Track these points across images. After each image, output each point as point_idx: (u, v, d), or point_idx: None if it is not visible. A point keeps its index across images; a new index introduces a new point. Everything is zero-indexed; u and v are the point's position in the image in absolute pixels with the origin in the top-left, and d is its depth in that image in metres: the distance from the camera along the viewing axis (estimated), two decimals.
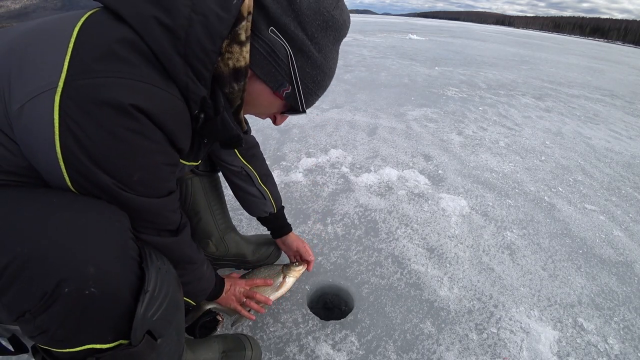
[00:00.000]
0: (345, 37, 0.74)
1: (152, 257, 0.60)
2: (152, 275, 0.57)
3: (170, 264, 0.67)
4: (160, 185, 0.64)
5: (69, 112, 0.49)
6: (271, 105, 0.75)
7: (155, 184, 0.62)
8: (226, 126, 0.68)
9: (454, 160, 2.65)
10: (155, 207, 0.64)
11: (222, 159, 1.16)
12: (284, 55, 0.66)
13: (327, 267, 1.48)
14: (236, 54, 0.62)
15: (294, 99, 0.72)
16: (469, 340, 1.22)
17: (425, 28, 24.49)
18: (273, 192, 1.24)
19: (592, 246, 1.83)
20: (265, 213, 1.25)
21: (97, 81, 0.50)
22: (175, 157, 0.64)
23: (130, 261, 0.56)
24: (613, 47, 36.26)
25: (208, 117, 0.65)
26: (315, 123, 3.19)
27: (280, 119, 0.83)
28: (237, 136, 0.70)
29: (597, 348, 1.25)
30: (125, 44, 0.53)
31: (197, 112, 0.63)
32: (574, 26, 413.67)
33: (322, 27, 0.66)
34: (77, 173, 0.53)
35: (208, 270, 0.93)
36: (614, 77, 8.70)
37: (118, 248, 0.54)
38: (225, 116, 0.66)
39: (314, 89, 0.73)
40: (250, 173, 1.18)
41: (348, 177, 2.25)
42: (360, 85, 4.83)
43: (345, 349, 1.14)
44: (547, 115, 4.24)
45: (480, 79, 6.11)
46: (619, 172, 2.81)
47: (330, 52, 0.71)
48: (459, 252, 1.65)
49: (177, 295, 0.65)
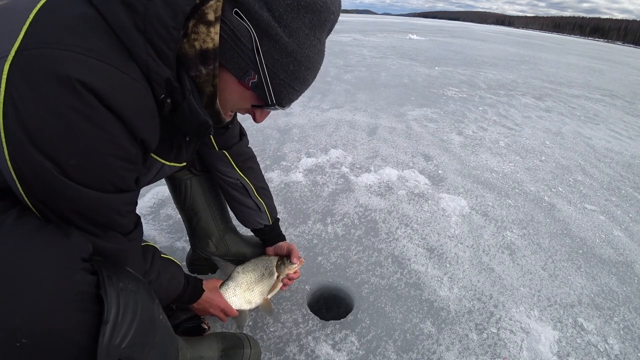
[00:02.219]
0: (334, 23, 0.67)
1: (112, 280, 0.54)
2: (112, 302, 0.52)
3: (137, 278, 0.62)
4: (104, 177, 0.56)
5: (15, 81, 0.46)
6: (241, 97, 0.70)
7: (97, 174, 0.55)
8: (193, 111, 0.62)
9: (454, 160, 2.65)
10: (94, 200, 0.56)
11: (218, 169, 1.14)
12: (248, 39, 0.61)
13: (327, 267, 1.48)
14: (202, 35, 0.58)
15: (262, 89, 0.66)
16: (469, 340, 1.22)
17: (425, 28, 24.50)
18: (269, 205, 1.22)
19: (592, 246, 1.83)
20: (260, 225, 1.23)
21: (48, 52, 0.47)
22: (131, 151, 0.57)
23: (76, 297, 0.50)
24: (613, 47, 36.27)
25: (176, 103, 0.61)
26: (315, 123, 3.19)
27: (260, 115, 0.77)
28: (204, 123, 0.65)
29: (597, 348, 1.25)
30: (85, 20, 0.51)
31: (164, 96, 0.59)
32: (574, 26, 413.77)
33: (292, 7, 0.59)
34: (15, 151, 0.48)
35: (162, 284, 0.85)
36: (614, 77, 8.70)
37: (56, 288, 0.48)
38: (191, 100, 0.61)
39: (286, 80, 0.66)
40: (246, 185, 1.16)
41: (348, 177, 2.25)
42: (360, 85, 4.83)
43: (345, 349, 1.14)
44: (547, 115, 4.24)
45: (480, 79, 6.11)
46: (619, 172, 2.81)
47: (307, 38, 0.63)
48: (459, 252, 1.65)
49: (150, 312, 0.60)
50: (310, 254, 1.54)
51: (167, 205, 1.83)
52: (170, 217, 1.75)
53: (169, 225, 1.69)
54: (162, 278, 0.84)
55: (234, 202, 1.20)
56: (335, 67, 6.01)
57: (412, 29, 20.81)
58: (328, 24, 0.66)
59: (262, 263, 1.18)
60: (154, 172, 0.79)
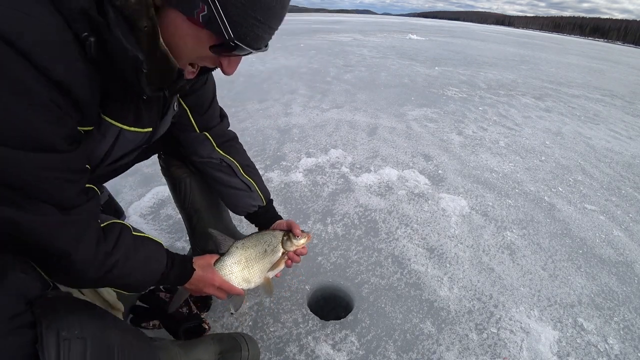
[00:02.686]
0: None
1: (52, 331, 0.50)
2: (51, 356, 0.48)
3: (91, 317, 0.57)
4: (12, 129, 0.47)
5: None
6: (196, 40, 0.59)
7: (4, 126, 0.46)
8: (119, 47, 0.53)
9: (454, 160, 2.65)
10: (5, 159, 0.48)
11: (200, 154, 1.06)
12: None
13: (327, 267, 1.48)
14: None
15: (216, 23, 0.56)
16: (469, 340, 1.22)
17: (425, 28, 24.49)
18: (259, 183, 1.12)
19: (592, 246, 1.83)
20: (254, 207, 1.12)
21: None
22: (43, 95, 0.48)
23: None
24: (613, 47, 36.28)
25: (104, 43, 0.53)
26: (315, 123, 3.19)
27: (228, 64, 0.66)
28: (134, 59, 0.55)
29: (597, 348, 1.25)
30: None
31: (86, 34, 0.51)
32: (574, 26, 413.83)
33: None
34: None
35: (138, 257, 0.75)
36: (614, 77, 8.70)
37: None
38: (117, 34, 0.52)
39: (244, 6, 0.56)
40: (231, 164, 1.08)
41: (348, 177, 2.25)
42: (360, 85, 4.83)
43: (345, 349, 1.14)
44: (547, 115, 4.24)
45: (480, 79, 6.11)
46: (619, 172, 2.81)
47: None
48: (459, 252, 1.65)
49: (104, 351, 0.56)
50: (310, 254, 1.54)
51: (167, 205, 1.83)
52: (170, 217, 1.75)
53: (169, 225, 1.69)
54: (133, 259, 0.73)
55: (221, 186, 1.11)
56: (335, 67, 6.01)
57: (412, 29, 20.81)
58: None
59: (264, 238, 1.05)
60: (110, 138, 0.70)
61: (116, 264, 0.69)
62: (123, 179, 2.02)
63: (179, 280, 0.89)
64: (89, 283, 0.71)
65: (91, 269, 0.64)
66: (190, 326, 1.06)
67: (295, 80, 4.82)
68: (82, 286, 0.69)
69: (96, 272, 0.65)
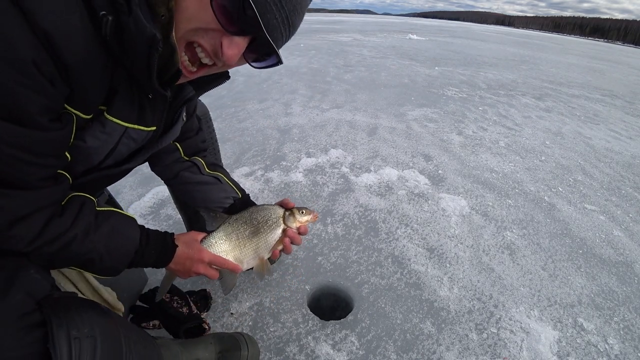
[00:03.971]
0: None
1: (62, 329, 0.50)
2: (62, 354, 0.49)
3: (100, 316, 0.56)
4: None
5: None
6: (200, 5, 0.55)
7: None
8: (139, 25, 0.51)
9: (454, 160, 2.65)
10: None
11: (165, 162, 1.00)
12: None
13: (327, 267, 1.48)
14: None
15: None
16: (469, 340, 1.22)
17: (425, 28, 24.49)
18: (227, 176, 1.04)
19: (592, 246, 1.83)
20: (229, 200, 1.00)
21: None
22: (27, 55, 0.44)
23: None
24: (613, 47, 36.27)
25: (120, 25, 0.51)
26: (315, 123, 3.19)
27: (229, 44, 0.59)
28: (152, 37, 0.52)
29: (597, 348, 1.25)
30: None
31: (104, 13, 0.49)
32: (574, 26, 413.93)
33: None
34: None
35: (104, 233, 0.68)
36: (614, 77, 8.70)
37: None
38: (138, 13, 0.51)
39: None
40: (196, 162, 1.02)
41: (348, 177, 2.25)
42: (360, 85, 4.83)
43: (345, 349, 1.14)
44: (547, 115, 4.24)
45: (480, 79, 6.11)
46: (619, 172, 2.81)
47: None
48: (459, 252, 1.65)
49: (113, 349, 0.56)
50: (310, 254, 1.54)
51: (167, 205, 1.83)
52: (170, 217, 1.75)
53: (169, 225, 1.69)
54: (95, 234, 0.66)
55: (187, 185, 1.00)
56: (335, 67, 6.01)
57: (412, 29, 20.81)
58: None
59: (261, 213, 0.90)
60: (115, 137, 0.67)
61: (74, 239, 0.63)
62: (123, 179, 2.01)
63: (160, 259, 0.79)
64: (37, 259, 0.61)
65: (34, 245, 0.58)
66: (190, 326, 1.06)
67: (295, 80, 4.82)
68: (34, 262, 0.61)
69: (48, 248, 0.59)
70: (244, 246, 0.88)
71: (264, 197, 1.96)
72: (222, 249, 0.86)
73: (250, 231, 0.88)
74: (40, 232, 0.58)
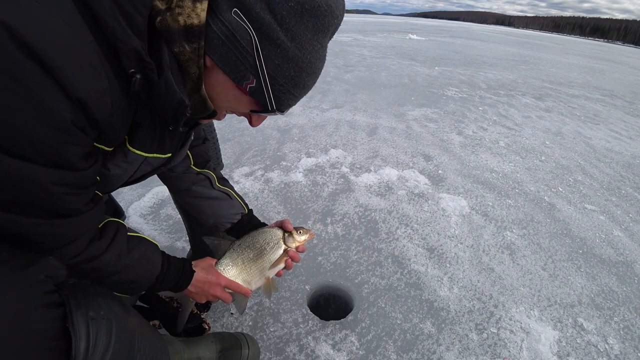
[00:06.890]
0: (337, 28, 0.64)
1: (80, 310, 0.52)
2: (81, 335, 0.50)
3: (113, 300, 0.59)
4: (28, 144, 0.48)
5: None
6: (238, 102, 0.66)
7: (17, 137, 0.47)
8: (169, 89, 0.57)
9: (454, 160, 2.65)
10: (29, 174, 0.50)
11: (176, 171, 1.03)
12: (247, 42, 0.57)
13: (327, 267, 1.48)
14: (187, 10, 0.54)
15: (260, 95, 0.62)
16: (469, 340, 1.22)
17: (425, 28, 24.50)
18: (235, 191, 1.09)
19: (592, 246, 1.83)
20: (237, 215, 1.07)
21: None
22: (65, 117, 0.49)
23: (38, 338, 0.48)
24: (613, 47, 36.27)
25: (150, 82, 0.56)
26: (315, 123, 3.19)
27: (257, 120, 0.73)
28: (180, 102, 0.59)
29: (597, 348, 1.25)
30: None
31: (133, 71, 0.54)
32: (574, 26, 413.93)
33: (295, 10, 0.56)
34: None
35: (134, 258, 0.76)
36: (614, 77, 8.70)
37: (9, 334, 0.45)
38: (169, 76, 0.56)
39: (286, 86, 0.63)
40: (208, 175, 1.06)
41: (348, 177, 2.25)
42: (360, 85, 4.83)
43: (345, 349, 1.14)
44: (547, 115, 4.24)
45: (480, 79, 6.11)
46: (619, 172, 2.81)
47: (309, 43, 0.60)
48: (459, 252, 1.65)
49: (126, 335, 0.58)
50: (310, 254, 1.54)
51: (167, 205, 1.83)
52: (170, 217, 1.75)
53: (169, 225, 1.69)
54: (126, 258, 0.73)
55: (200, 200, 1.05)
56: (335, 67, 6.01)
57: (412, 29, 20.81)
58: (331, 29, 0.62)
59: (262, 237, 0.98)
60: (136, 166, 0.75)
61: (108, 262, 0.70)
62: None
63: (179, 284, 0.86)
64: (73, 271, 0.69)
65: (75, 261, 0.65)
66: (191, 326, 1.06)
67: None
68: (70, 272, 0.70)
69: (85, 265, 0.67)
70: (250, 269, 0.95)
71: (264, 197, 1.96)
72: (232, 274, 0.94)
73: (254, 254, 0.96)
74: (83, 251, 0.66)
